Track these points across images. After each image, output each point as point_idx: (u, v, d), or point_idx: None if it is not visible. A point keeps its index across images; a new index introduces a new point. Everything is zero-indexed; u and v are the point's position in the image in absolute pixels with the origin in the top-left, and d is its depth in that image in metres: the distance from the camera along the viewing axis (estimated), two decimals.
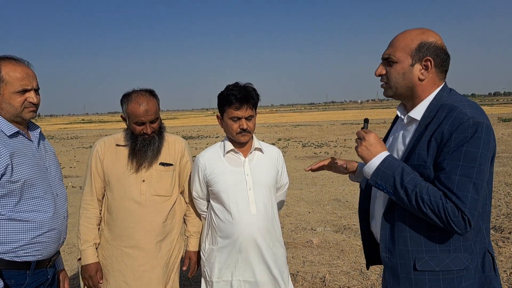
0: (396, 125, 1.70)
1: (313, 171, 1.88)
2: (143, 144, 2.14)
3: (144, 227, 2.13)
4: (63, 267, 2.12)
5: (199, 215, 2.33)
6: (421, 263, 1.44)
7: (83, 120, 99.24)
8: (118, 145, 2.20)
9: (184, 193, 2.33)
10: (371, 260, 1.79)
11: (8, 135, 1.77)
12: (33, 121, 1.96)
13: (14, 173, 1.73)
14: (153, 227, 2.14)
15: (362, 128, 1.59)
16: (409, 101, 1.56)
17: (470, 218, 1.33)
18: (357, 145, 1.53)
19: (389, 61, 1.50)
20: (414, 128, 1.52)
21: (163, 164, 2.20)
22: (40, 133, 1.95)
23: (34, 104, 1.82)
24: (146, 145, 2.14)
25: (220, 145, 2.21)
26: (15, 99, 1.77)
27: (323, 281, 3.72)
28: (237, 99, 2.02)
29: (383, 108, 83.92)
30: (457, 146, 1.34)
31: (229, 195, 2.08)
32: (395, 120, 1.78)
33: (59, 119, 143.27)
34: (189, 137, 23.76)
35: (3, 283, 1.71)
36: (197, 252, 2.30)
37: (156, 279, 2.15)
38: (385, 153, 1.47)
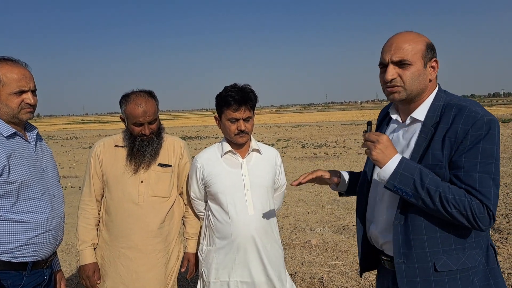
0: (389, 127, 1.67)
1: (302, 184, 1.74)
2: (142, 145, 2.14)
3: (142, 228, 2.13)
4: (60, 267, 2.12)
5: (198, 217, 2.33)
6: (440, 264, 1.42)
7: (82, 120, 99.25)
8: (117, 146, 2.20)
9: (183, 194, 2.33)
10: (366, 267, 1.76)
11: (5, 136, 1.77)
12: (31, 122, 1.96)
13: (11, 174, 1.73)
14: (151, 228, 2.14)
15: (365, 131, 1.53)
16: (411, 103, 1.53)
17: (494, 213, 1.35)
18: (369, 149, 1.44)
19: (402, 64, 1.46)
20: (418, 129, 1.50)
21: (161, 165, 2.20)
22: (37, 134, 1.95)
23: (31, 105, 1.82)
24: (144, 146, 2.14)
25: (218, 146, 2.21)
26: (12, 100, 1.77)
27: (321, 282, 3.73)
28: (235, 100, 2.03)
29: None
30: (473, 143, 1.36)
31: (226, 196, 2.08)
32: (381, 121, 1.76)
33: (58, 119, 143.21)
34: (188, 137, 23.76)
35: None
36: (196, 253, 2.30)
37: (153, 280, 2.15)
38: (399, 155, 1.43)
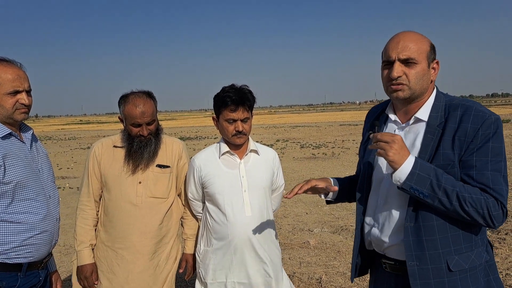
0: (387, 127, 1.64)
1: (298, 194, 1.66)
2: (140, 145, 2.14)
3: (139, 228, 2.13)
4: (56, 268, 2.12)
5: (196, 218, 2.33)
6: (453, 264, 1.42)
7: (81, 121, 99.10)
8: (115, 147, 2.20)
9: (181, 195, 2.33)
10: (360, 272, 1.74)
11: (0, 136, 1.76)
12: (29, 122, 1.96)
13: (6, 175, 1.72)
14: (148, 229, 2.14)
15: (372, 131, 1.49)
16: (412, 103, 1.53)
17: (507, 210, 1.37)
18: (384, 149, 1.39)
19: (408, 63, 1.46)
20: (422, 129, 1.49)
21: (160, 166, 2.19)
22: (32, 135, 1.95)
23: (25, 105, 1.81)
24: (142, 147, 2.14)
25: (215, 146, 2.21)
26: (7, 101, 1.76)
27: (319, 282, 3.73)
28: (233, 101, 2.02)
29: None
30: (483, 142, 1.38)
31: (224, 197, 2.08)
32: (369, 122, 1.73)
33: (57, 119, 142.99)
34: (187, 138, 23.74)
35: None
36: (194, 254, 2.30)
37: (151, 281, 2.14)
38: (413, 156, 1.41)
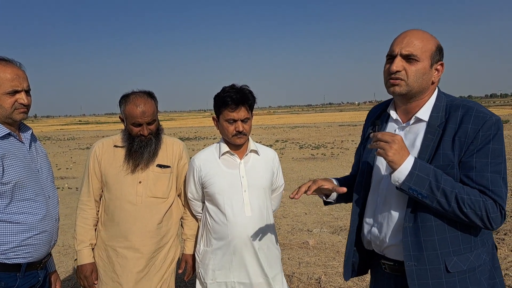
0: (387, 126, 1.63)
1: (306, 194, 1.64)
2: (140, 145, 2.14)
3: (139, 228, 2.13)
4: (55, 269, 2.11)
5: (196, 218, 2.33)
6: (451, 265, 1.41)
7: (80, 121, 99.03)
8: (116, 146, 2.20)
9: (181, 195, 2.33)
10: (359, 271, 1.73)
11: None
12: (28, 122, 1.96)
13: (5, 175, 1.72)
14: (148, 229, 2.14)
15: (372, 131, 1.48)
16: (411, 102, 1.52)
17: (505, 212, 1.38)
18: (384, 149, 1.38)
19: (410, 59, 1.45)
20: (422, 129, 1.48)
21: (160, 166, 2.20)
22: (31, 135, 1.94)
23: (24, 105, 1.80)
24: (142, 147, 2.14)
25: (215, 146, 2.21)
26: (5, 101, 1.75)
27: (319, 282, 3.73)
28: (233, 100, 2.02)
29: None
30: (483, 144, 1.37)
31: (224, 197, 2.08)
32: (370, 121, 1.72)
33: (56, 120, 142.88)
34: (186, 138, 23.73)
35: None
36: (194, 255, 2.29)
37: (150, 281, 2.14)
38: (412, 156, 1.40)
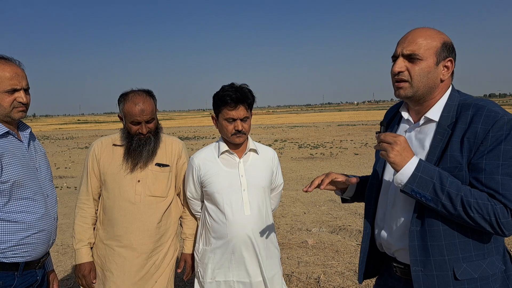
0: (400, 127, 1.60)
1: (319, 188, 1.61)
2: (139, 144, 2.14)
3: (138, 227, 2.12)
4: (53, 268, 2.11)
5: (195, 217, 2.32)
6: (460, 272, 1.35)
7: (78, 120, 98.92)
8: (115, 145, 2.20)
9: (180, 195, 2.33)
10: (368, 274, 1.69)
11: None
12: (26, 121, 1.95)
13: (3, 174, 1.71)
14: (147, 228, 2.13)
15: (378, 131, 1.45)
16: (422, 103, 1.48)
17: None
18: (386, 150, 1.35)
19: (412, 58, 1.41)
20: (432, 129, 1.44)
21: (159, 164, 2.19)
22: (30, 133, 1.93)
23: (23, 104, 1.79)
24: (141, 145, 2.14)
25: (215, 145, 2.21)
26: (4, 99, 1.75)
27: (318, 282, 3.73)
28: (233, 99, 2.02)
29: (379, 109, 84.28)
30: (494, 145, 1.30)
31: (223, 196, 2.08)
32: (390, 120, 1.69)
33: (54, 119, 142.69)
34: (185, 138, 23.72)
35: None
36: (193, 254, 2.29)
37: (149, 280, 2.14)
38: (416, 157, 1.35)
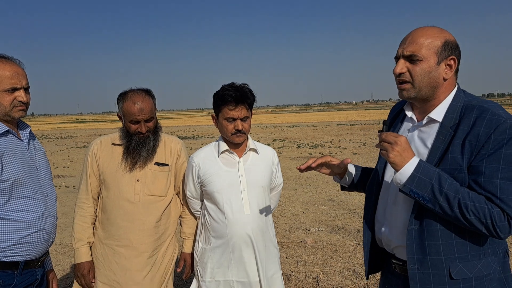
0: (403, 125, 1.60)
1: (312, 169, 1.65)
2: (138, 143, 2.14)
3: (137, 226, 2.12)
4: (52, 267, 2.11)
5: (195, 217, 2.32)
6: (456, 271, 1.38)
7: (77, 119, 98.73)
8: (114, 144, 2.20)
9: (179, 194, 2.33)
10: (372, 269, 1.71)
11: None
12: (24, 120, 1.95)
13: (3, 172, 1.71)
14: (146, 227, 2.13)
15: (380, 131, 1.47)
16: (426, 103, 1.48)
17: None
18: (386, 150, 1.37)
19: (412, 59, 1.41)
20: (435, 130, 1.44)
21: (158, 164, 2.19)
22: (30, 132, 1.93)
23: (23, 103, 1.80)
24: (140, 144, 2.14)
25: (214, 145, 2.21)
26: (4, 98, 1.75)
27: (317, 281, 3.73)
28: (233, 99, 2.02)
29: (378, 109, 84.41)
30: (495, 148, 1.30)
31: (223, 195, 2.08)
32: (394, 118, 1.69)
33: (53, 118, 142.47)
34: (183, 137, 23.70)
35: None
36: (192, 253, 2.29)
37: (148, 279, 2.14)
38: (416, 158, 1.37)
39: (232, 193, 2.08)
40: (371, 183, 1.68)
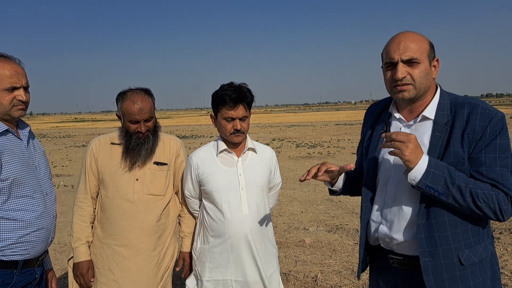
0: (391, 126, 1.63)
1: (318, 177, 1.64)
2: (137, 142, 2.14)
3: (136, 226, 2.13)
4: (51, 266, 2.11)
5: (194, 216, 2.32)
6: (464, 257, 1.46)
7: (75, 118, 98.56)
8: (113, 144, 2.20)
9: (178, 193, 2.33)
10: (363, 268, 1.75)
11: None
12: (23, 119, 1.95)
13: (3, 172, 1.71)
14: (145, 226, 2.14)
15: (384, 131, 1.49)
16: (415, 102, 1.56)
17: None
18: (400, 149, 1.39)
19: (412, 63, 1.49)
20: (428, 127, 1.52)
21: (157, 163, 2.19)
22: (29, 132, 1.94)
23: (23, 102, 1.80)
24: (140, 144, 2.14)
25: (213, 144, 2.21)
26: (4, 97, 1.75)
27: (315, 281, 3.74)
28: (232, 98, 2.02)
29: None
30: (491, 139, 1.42)
31: (221, 194, 2.08)
32: (376, 120, 1.72)
33: (51, 117, 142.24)
34: (182, 136, 23.69)
35: None
36: (191, 253, 2.29)
37: (147, 279, 2.14)
38: (426, 154, 1.43)
39: (230, 193, 2.08)
40: (365, 185, 1.70)
